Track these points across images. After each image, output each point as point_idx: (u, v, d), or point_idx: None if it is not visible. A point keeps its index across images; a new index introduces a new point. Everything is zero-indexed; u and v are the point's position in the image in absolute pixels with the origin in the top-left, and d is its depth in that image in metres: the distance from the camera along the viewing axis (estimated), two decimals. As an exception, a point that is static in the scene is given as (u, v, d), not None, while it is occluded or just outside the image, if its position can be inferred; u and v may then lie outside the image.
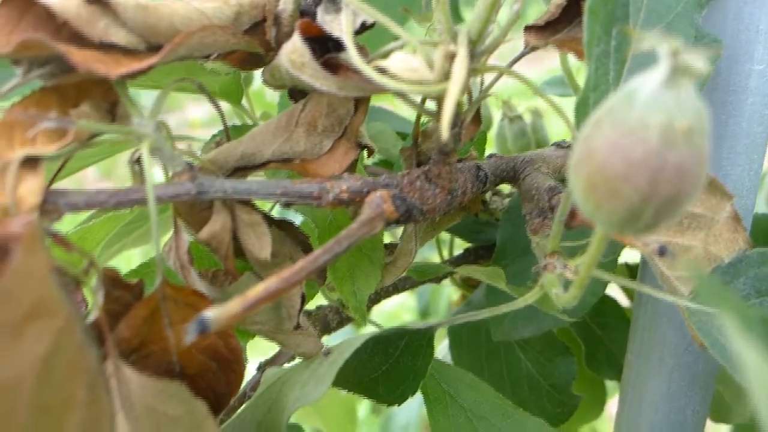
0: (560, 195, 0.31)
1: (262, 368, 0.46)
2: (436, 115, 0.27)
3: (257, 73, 0.35)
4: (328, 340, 0.42)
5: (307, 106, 0.31)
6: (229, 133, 0.35)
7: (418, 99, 0.28)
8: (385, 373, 0.35)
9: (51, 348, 0.20)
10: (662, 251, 0.26)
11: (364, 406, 1.91)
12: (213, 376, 0.32)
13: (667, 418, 0.43)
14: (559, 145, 0.37)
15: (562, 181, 0.34)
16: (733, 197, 0.28)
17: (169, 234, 0.34)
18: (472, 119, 0.30)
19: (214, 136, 0.39)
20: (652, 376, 0.43)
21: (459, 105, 0.27)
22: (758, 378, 0.17)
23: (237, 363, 0.32)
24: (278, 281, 0.24)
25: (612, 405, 0.61)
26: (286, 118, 0.31)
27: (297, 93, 0.32)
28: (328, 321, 0.46)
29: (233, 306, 0.22)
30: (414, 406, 0.99)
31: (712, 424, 0.53)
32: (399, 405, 0.34)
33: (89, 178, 2.50)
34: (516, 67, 0.33)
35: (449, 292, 0.91)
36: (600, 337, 0.51)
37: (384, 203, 0.28)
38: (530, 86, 0.28)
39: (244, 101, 0.45)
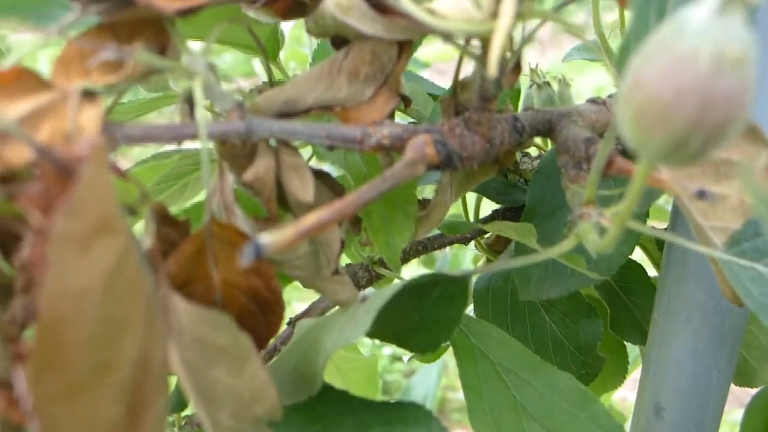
0: (597, 145, 0.32)
1: (292, 323, 0.48)
2: (481, 58, 0.28)
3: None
4: (358, 297, 0.43)
5: (349, 54, 0.32)
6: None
7: (462, 43, 0.29)
8: (419, 322, 0.35)
9: (115, 264, 0.21)
10: (701, 194, 0.26)
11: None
12: (253, 318, 0.33)
13: (692, 377, 0.44)
14: (594, 101, 0.37)
15: (599, 135, 0.35)
16: (771, 144, 0.29)
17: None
18: (512, 67, 0.30)
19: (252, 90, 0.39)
20: (678, 335, 0.43)
21: (502, 49, 0.28)
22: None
23: (277, 305, 0.33)
24: (329, 212, 0.24)
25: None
26: (329, 65, 0.32)
27: (339, 41, 0.33)
28: (358, 278, 0.47)
29: (287, 232, 0.23)
30: (432, 382, 1.00)
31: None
32: (433, 352, 0.35)
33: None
34: (533, 56, 0.33)
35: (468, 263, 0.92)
36: (625, 303, 0.51)
37: (426, 146, 0.29)
38: (571, 31, 0.28)
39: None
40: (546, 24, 0.30)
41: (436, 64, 1.96)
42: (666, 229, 0.45)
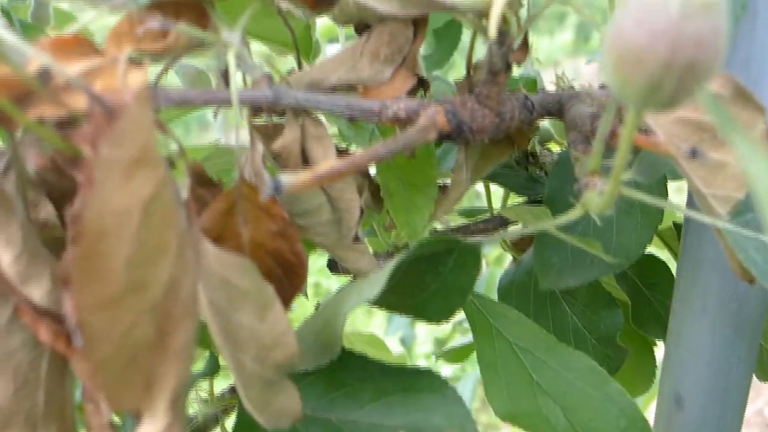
0: (602, 119, 0.34)
1: (319, 307, 0.50)
2: (487, 30, 0.30)
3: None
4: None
5: (370, 38, 0.35)
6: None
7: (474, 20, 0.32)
8: (435, 291, 0.37)
9: (153, 193, 0.24)
10: (694, 153, 0.28)
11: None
12: (278, 279, 0.35)
13: (711, 366, 0.44)
14: (603, 86, 0.39)
15: (606, 115, 0.37)
16: (765, 110, 0.30)
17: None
18: (520, 45, 0.33)
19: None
20: (696, 323, 0.44)
21: (506, 25, 0.30)
22: None
23: (300, 267, 0.35)
24: (345, 162, 0.27)
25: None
26: (352, 49, 0.35)
27: (362, 28, 0.36)
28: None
29: (305, 174, 0.26)
30: (467, 397, 1.00)
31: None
32: (447, 321, 0.37)
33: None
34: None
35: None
36: (648, 299, 0.52)
37: (437, 115, 0.32)
38: (579, 13, 0.30)
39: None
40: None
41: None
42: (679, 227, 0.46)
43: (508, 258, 0.60)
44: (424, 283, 0.38)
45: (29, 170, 0.28)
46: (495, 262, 1.10)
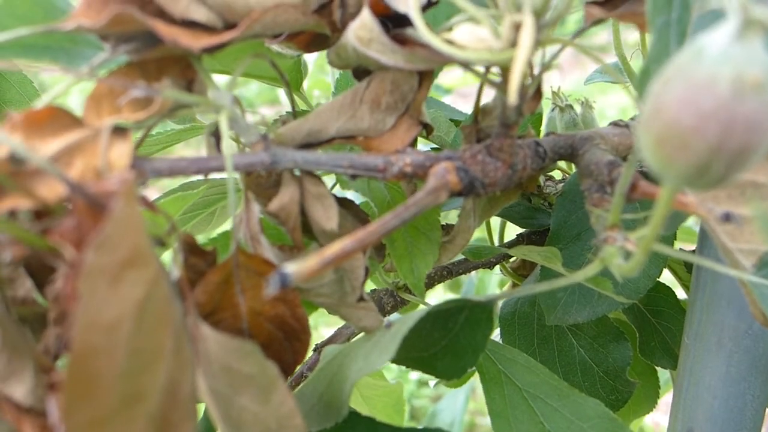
0: (620, 168, 0.32)
1: (318, 349, 0.48)
2: (501, 86, 0.28)
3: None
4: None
5: (371, 84, 0.32)
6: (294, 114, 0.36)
7: (482, 72, 0.29)
8: (445, 347, 0.35)
9: (145, 295, 0.22)
10: (727, 217, 0.26)
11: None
12: (280, 345, 0.33)
13: (726, 402, 0.43)
14: (617, 123, 0.37)
15: (622, 159, 0.35)
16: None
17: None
18: (533, 94, 0.30)
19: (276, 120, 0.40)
20: (710, 359, 0.42)
21: (522, 77, 0.28)
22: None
23: (303, 332, 0.33)
24: (353, 241, 0.25)
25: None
26: (351, 96, 0.33)
27: (361, 72, 0.33)
28: (383, 304, 0.47)
29: (312, 261, 0.23)
30: (459, 407, 0.99)
31: None
32: (458, 378, 0.35)
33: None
34: (555, 78, 0.34)
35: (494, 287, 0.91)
36: (654, 325, 0.51)
37: (448, 174, 0.29)
38: (591, 56, 0.28)
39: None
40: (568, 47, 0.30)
41: (459, 89, 1.97)
42: (694, 251, 0.44)
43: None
44: (434, 340, 0.36)
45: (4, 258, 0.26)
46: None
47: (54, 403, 0.24)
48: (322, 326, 1.84)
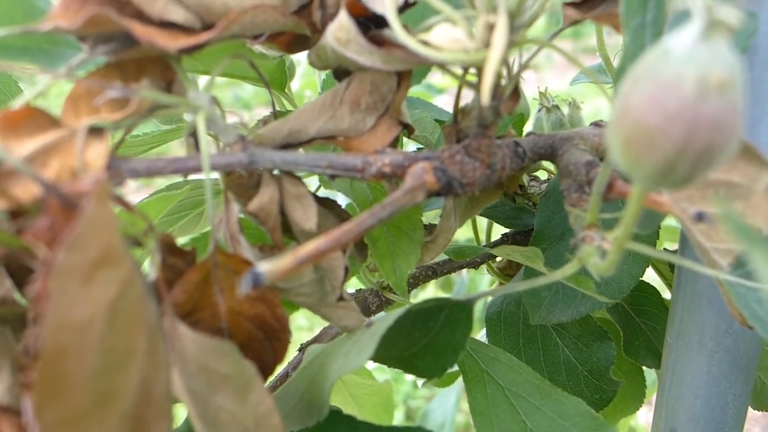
0: (598, 168, 0.32)
1: (302, 349, 0.48)
2: (477, 87, 0.28)
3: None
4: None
5: (351, 85, 0.32)
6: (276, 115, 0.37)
7: (460, 73, 0.29)
8: (425, 346, 0.36)
9: (117, 295, 0.22)
10: (700, 216, 0.26)
11: (399, 412, 1.91)
12: (260, 345, 0.33)
13: (708, 402, 0.43)
14: (597, 124, 0.37)
15: (601, 159, 0.35)
16: (770, 165, 0.29)
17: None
18: (510, 94, 0.31)
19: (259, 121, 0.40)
20: (692, 358, 0.43)
21: (498, 78, 0.28)
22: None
23: (283, 332, 0.33)
24: (328, 240, 0.25)
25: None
26: (331, 96, 0.33)
27: (341, 73, 0.33)
28: (368, 304, 0.47)
29: (285, 261, 0.23)
30: (450, 406, 1.00)
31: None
32: (439, 378, 0.35)
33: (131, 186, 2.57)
34: (552, 78, 0.34)
35: (485, 286, 0.92)
36: (639, 325, 0.51)
37: (425, 174, 0.29)
38: (568, 58, 0.28)
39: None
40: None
41: (451, 89, 1.97)
42: (676, 251, 0.45)
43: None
44: (414, 339, 0.36)
45: (-20, 258, 0.26)
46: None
47: (28, 401, 0.24)
48: (318, 327, 1.83)
